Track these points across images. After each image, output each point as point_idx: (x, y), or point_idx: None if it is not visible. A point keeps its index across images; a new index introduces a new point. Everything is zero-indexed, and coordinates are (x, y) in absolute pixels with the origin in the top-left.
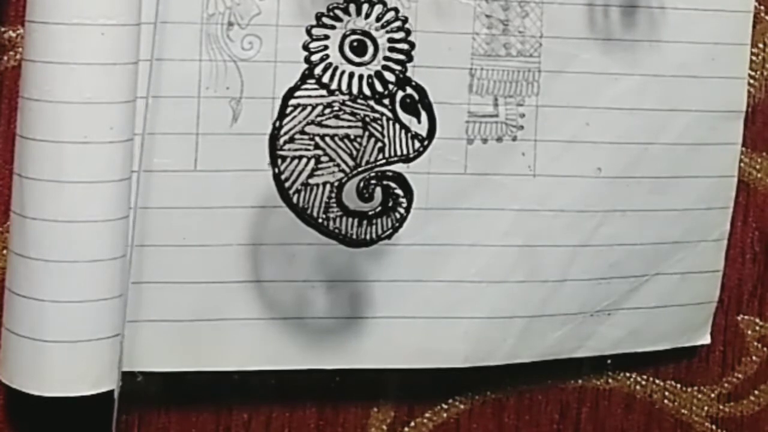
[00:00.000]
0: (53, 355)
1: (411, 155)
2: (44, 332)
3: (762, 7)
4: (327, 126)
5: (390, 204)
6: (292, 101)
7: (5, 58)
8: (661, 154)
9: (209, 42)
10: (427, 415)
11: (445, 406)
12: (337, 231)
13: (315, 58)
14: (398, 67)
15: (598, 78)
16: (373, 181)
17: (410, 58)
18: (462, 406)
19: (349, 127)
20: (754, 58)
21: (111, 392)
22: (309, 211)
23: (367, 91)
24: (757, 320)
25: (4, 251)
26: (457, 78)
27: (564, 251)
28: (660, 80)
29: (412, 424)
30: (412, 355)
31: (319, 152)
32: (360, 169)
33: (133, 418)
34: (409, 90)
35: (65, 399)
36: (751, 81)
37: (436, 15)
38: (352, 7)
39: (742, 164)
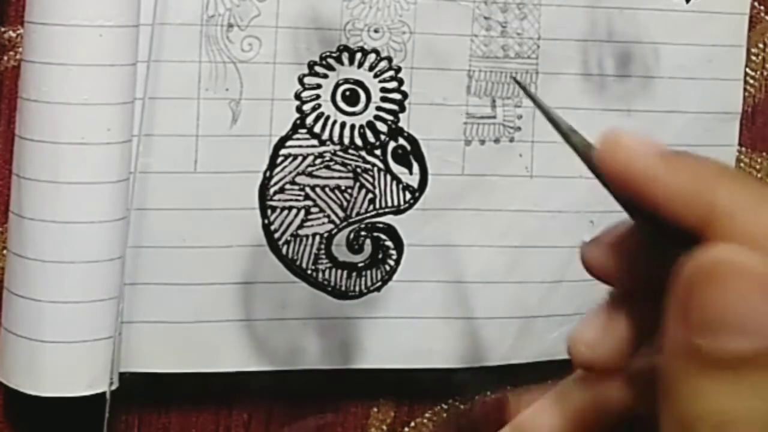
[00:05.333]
0: (50, 355)
1: (402, 207)
2: (41, 332)
3: (762, 7)
4: (318, 176)
5: (380, 256)
6: (283, 151)
7: (5, 58)
8: None
9: (209, 43)
10: (427, 415)
11: (445, 406)
12: (325, 283)
13: (307, 107)
14: (390, 117)
15: (596, 80)
16: (363, 233)
17: (403, 108)
18: (462, 406)
19: (340, 177)
20: (753, 58)
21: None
22: (298, 263)
23: (358, 141)
24: None
25: (4, 251)
26: (456, 79)
27: (561, 252)
28: (657, 82)
29: (412, 424)
30: (408, 355)
31: (310, 203)
32: (350, 221)
33: (133, 418)
34: (401, 141)
35: (63, 399)
36: (751, 81)
37: (434, 17)
38: (344, 56)
39: (741, 164)
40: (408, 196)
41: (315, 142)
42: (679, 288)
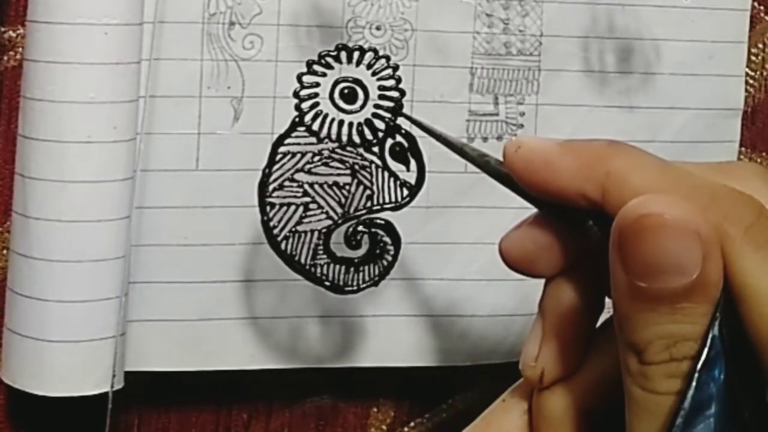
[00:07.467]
0: (58, 355)
1: (399, 203)
2: (48, 332)
3: (762, 7)
4: (316, 173)
5: (377, 251)
6: (282, 148)
7: (5, 58)
8: (659, 152)
9: (210, 41)
10: (427, 415)
11: (444, 406)
12: (323, 277)
13: (305, 105)
14: (388, 115)
15: (597, 76)
16: (360, 228)
17: (401, 106)
18: (462, 406)
19: (338, 174)
20: (753, 58)
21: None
22: (297, 258)
23: (356, 138)
24: None
25: (5, 251)
26: (458, 77)
27: None
28: (658, 78)
29: (412, 424)
30: (412, 354)
31: (308, 199)
32: (348, 217)
33: (133, 418)
34: (398, 138)
35: (67, 399)
36: (751, 81)
37: (436, 14)
38: (343, 55)
39: None
40: (405, 192)
41: (313, 139)
42: (614, 240)
